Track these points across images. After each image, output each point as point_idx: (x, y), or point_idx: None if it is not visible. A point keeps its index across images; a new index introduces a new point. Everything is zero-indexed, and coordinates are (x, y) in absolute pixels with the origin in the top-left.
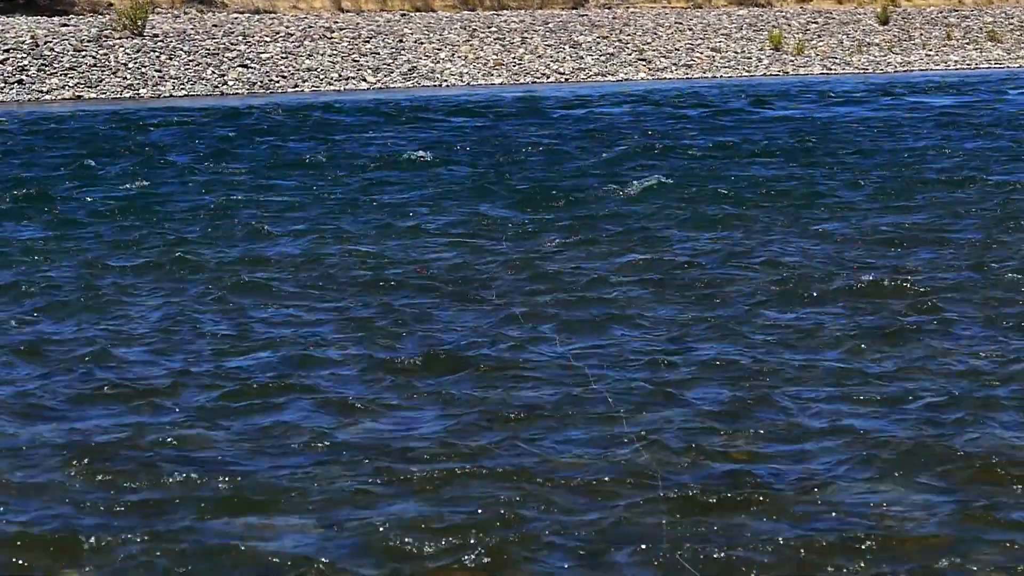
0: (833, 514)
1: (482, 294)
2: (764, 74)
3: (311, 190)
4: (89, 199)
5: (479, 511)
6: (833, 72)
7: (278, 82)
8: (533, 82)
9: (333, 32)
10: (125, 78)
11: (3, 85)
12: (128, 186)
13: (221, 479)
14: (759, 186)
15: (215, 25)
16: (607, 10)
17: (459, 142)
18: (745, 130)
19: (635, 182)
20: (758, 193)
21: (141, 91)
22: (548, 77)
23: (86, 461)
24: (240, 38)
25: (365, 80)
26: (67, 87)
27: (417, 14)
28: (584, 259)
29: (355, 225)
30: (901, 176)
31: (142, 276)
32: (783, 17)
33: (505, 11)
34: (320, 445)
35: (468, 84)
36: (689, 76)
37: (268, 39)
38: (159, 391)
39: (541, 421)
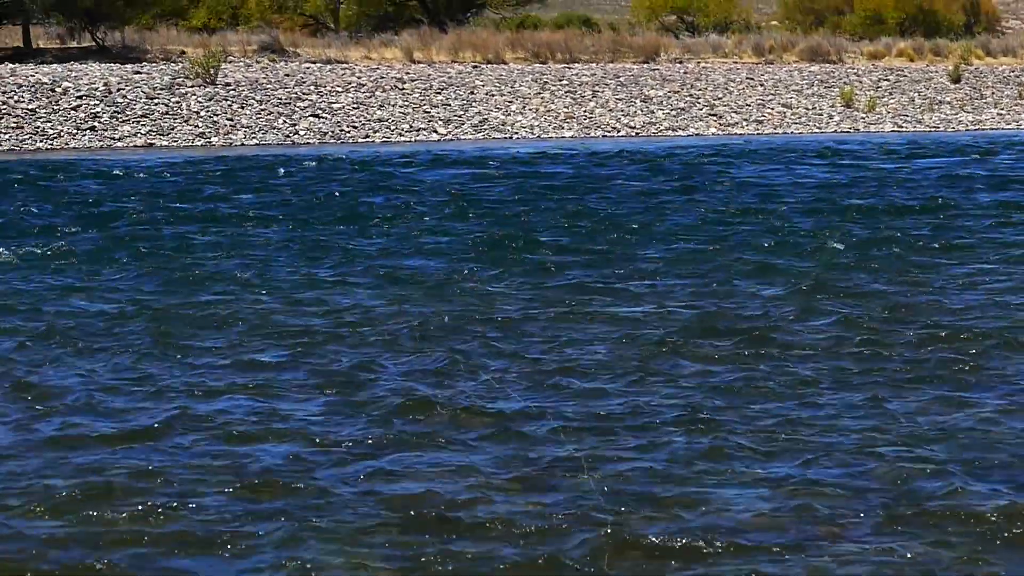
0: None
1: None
2: (835, 131)
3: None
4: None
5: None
6: (904, 130)
7: (349, 132)
8: (604, 135)
9: (404, 83)
10: (197, 126)
11: (76, 131)
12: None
13: (194, 519)
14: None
15: (287, 75)
16: (678, 64)
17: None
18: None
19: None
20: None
21: (213, 139)
22: (619, 131)
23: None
24: (312, 88)
25: (436, 131)
26: (139, 134)
27: (488, 66)
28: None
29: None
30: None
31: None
32: (854, 74)
33: (576, 64)
34: (297, 493)
35: (539, 137)
36: (760, 132)
37: (340, 89)
38: (137, 434)
39: (508, 473)
